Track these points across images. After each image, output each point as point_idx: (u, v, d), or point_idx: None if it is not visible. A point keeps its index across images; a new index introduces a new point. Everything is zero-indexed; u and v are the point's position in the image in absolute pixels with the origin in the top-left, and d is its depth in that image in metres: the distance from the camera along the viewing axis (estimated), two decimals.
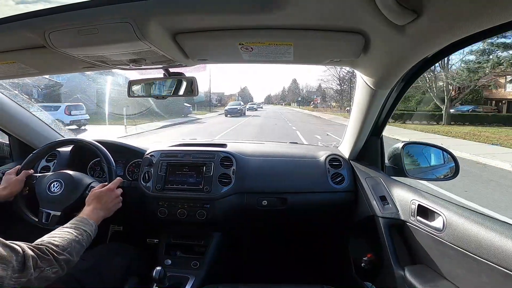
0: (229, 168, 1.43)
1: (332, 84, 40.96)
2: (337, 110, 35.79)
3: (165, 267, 1.35)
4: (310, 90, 71.91)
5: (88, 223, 0.96)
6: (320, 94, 56.81)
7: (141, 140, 1.80)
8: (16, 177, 1.22)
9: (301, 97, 69.59)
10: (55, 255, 0.79)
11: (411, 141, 1.42)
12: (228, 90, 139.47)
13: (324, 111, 36.08)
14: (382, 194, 1.22)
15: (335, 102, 43.37)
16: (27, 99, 1.58)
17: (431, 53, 0.79)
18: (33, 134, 1.58)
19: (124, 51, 0.83)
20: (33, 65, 1.06)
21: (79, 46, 0.79)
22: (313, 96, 64.05)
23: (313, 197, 1.45)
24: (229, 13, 0.69)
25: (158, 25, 0.72)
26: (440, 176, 1.40)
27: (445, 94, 17.35)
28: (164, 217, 1.41)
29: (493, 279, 0.73)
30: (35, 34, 0.75)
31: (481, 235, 0.77)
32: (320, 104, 51.22)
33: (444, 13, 0.57)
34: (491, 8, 0.51)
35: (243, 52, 0.88)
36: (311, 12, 0.68)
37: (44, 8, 0.70)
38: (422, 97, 20.28)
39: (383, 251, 1.14)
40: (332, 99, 46.23)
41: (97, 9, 0.67)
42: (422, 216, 1.01)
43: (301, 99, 67.23)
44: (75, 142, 1.50)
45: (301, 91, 74.69)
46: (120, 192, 1.20)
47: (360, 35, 0.76)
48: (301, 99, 67.65)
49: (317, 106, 50.20)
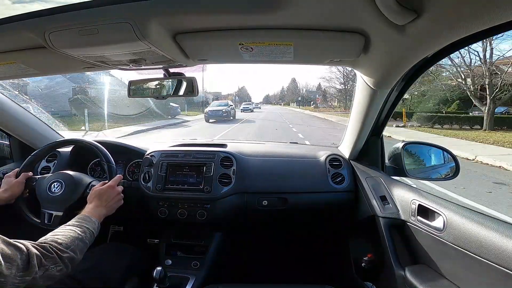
0: (230, 168, 1.43)
1: (336, 83, 39.39)
2: (340, 110, 33.70)
3: (165, 267, 1.35)
4: (310, 89, 69.22)
5: (90, 221, 0.96)
6: (320, 93, 54.90)
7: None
8: (16, 180, 1.21)
9: (300, 96, 67.02)
10: (59, 253, 0.78)
11: (411, 141, 1.42)
12: (225, 90, 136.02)
13: (327, 112, 33.82)
14: (382, 194, 1.22)
15: (338, 102, 41.85)
16: (27, 99, 1.58)
17: (431, 53, 0.79)
18: (33, 135, 1.58)
19: (124, 51, 0.83)
20: (33, 66, 1.06)
21: (79, 47, 0.79)
22: (313, 95, 61.93)
23: (314, 197, 1.45)
24: (230, 13, 0.69)
25: (158, 25, 0.72)
26: (441, 176, 1.40)
27: (486, 93, 13.90)
28: (164, 217, 1.41)
29: (494, 279, 0.73)
30: (35, 34, 0.75)
31: (482, 235, 0.77)
32: (320, 104, 49.23)
33: (444, 13, 0.57)
34: (490, 7, 0.51)
35: (243, 52, 0.88)
36: (311, 12, 0.68)
37: (44, 9, 0.71)
38: (444, 96, 17.74)
39: (384, 251, 1.13)
40: (334, 98, 44.59)
41: (97, 9, 0.67)
42: (422, 216, 1.01)
43: (301, 98, 65.09)
44: (75, 143, 1.50)
45: (301, 90, 71.91)
46: (121, 189, 1.19)
47: (360, 35, 0.76)
48: (301, 99, 64.97)
49: (318, 106, 47.69)
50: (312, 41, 0.81)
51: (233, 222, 1.51)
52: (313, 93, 63.59)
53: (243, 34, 0.78)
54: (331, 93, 44.67)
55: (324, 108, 43.79)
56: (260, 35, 0.78)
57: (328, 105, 46.17)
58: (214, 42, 0.84)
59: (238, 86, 76.35)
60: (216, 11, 0.68)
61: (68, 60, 0.91)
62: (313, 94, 62.19)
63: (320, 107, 45.23)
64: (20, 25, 0.74)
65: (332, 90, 42.68)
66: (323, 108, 43.95)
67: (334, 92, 42.42)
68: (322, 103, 48.97)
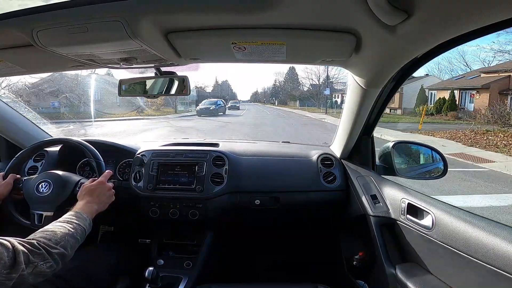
0: (222, 168, 1.43)
1: None
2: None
3: (157, 267, 1.34)
4: (313, 83, 39.13)
5: (81, 217, 0.94)
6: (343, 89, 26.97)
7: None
8: (3, 181, 1.18)
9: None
10: (48, 249, 0.77)
11: (401, 140, 1.44)
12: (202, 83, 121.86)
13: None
14: (373, 193, 1.24)
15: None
16: (15, 98, 1.55)
17: (421, 53, 0.81)
18: (21, 134, 1.55)
19: (114, 50, 0.82)
20: (20, 64, 1.04)
21: (68, 45, 0.78)
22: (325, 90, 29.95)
23: (306, 196, 1.46)
24: (222, 12, 0.69)
25: (150, 23, 0.71)
26: (429, 175, 1.42)
27: None
28: (156, 217, 1.40)
29: (481, 276, 0.75)
30: (23, 32, 0.73)
31: (469, 233, 0.79)
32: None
33: (434, 14, 0.57)
34: (480, 9, 0.52)
35: (235, 51, 0.88)
36: (303, 12, 0.68)
37: (32, 7, 0.69)
38: None
39: (375, 249, 1.15)
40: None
41: (87, 7, 0.66)
42: (412, 215, 1.03)
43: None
44: (62, 142, 1.47)
45: (301, 84, 45.86)
46: (112, 185, 1.18)
47: (351, 35, 0.76)
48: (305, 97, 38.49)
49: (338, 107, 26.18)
50: (304, 41, 0.81)
51: (225, 222, 1.50)
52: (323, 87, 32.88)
53: (235, 33, 0.78)
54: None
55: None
56: (252, 34, 0.78)
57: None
58: (207, 41, 0.83)
59: (216, 80, 61.13)
60: (208, 10, 0.68)
61: (56, 59, 0.89)
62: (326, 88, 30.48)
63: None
64: (7, 23, 0.72)
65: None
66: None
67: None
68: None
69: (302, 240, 1.83)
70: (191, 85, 1.17)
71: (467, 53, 45.18)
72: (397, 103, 23.39)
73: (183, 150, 1.50)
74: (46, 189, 1.17)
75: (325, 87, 30.82)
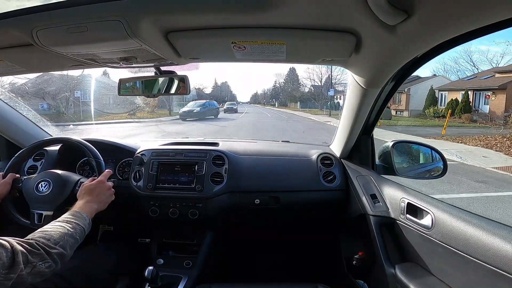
0: (222, 167, 1.42)
1: None
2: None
3: (157, 266, 1.34)
4: (315, 84, 38.28)
5: (80, 216, 0.94)
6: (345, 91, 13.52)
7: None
8: (2, 180, 1.18)
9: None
10: (47, 249, 0.77)
11: (401, 140, 1.44)
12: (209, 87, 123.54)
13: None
14: (372, 192, 1.24)
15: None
16: (14, 98, 1.55)
17: (420, 53, 0.80)
18: (21, 133, 1.55)
19: (114, 49, 0.82)
20: (20, 63, 1.03)
21: (68, 44, 0.78)
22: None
23: (305, 196, 1.46)
24: (222, 12, 0.69)
25: (150, 23, 0.71)
26: (429, 174, 1.42)
27: None
28: (155, 217, 1.40)
29: (480, 276, 0.75)
30: (23, 32, 0.73)
31: (469, 233, 0.79)
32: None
33: (434, 14, 0.57)
34: (480, 9, 0.52)
35: (235, 50, 0.88)
36: (304, 12, 0.68)
37: (31, 6, 0.69)
38: None
39: (374, 249, 1.15)
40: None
41: (86, 6, 0.66)
42: (411, 214, 1.03)
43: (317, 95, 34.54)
44: (61, 141, 1.46)
45: (301, 85, 44.92)
46: (112, 184, 1.17)
47: (351, 35, 0.76)
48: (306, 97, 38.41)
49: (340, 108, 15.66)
50: (304, 41, 0.81)
51: (225, 221, 1.50)
52: (326, 87, 32.36)
53: (235, 32, 0.78)
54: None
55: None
56: (252, 34, 0.78)
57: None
58: (207, 41, 0.83)
59: (216, 82, 61.60)
60: (208, 9, 0.68)
61: (56, 58, 0.89)
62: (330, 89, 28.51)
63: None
64: (6, 22, 0.72)
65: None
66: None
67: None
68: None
69: (302, 240, 1.83)
70: (191, 85, 1.17)
71: (473, 52, 44.92)
72: (404, 105, 22.57)
73: (183, 149, 1.50)
74: (45, 189, 1.16)
75: (329, 88, 29.23)
